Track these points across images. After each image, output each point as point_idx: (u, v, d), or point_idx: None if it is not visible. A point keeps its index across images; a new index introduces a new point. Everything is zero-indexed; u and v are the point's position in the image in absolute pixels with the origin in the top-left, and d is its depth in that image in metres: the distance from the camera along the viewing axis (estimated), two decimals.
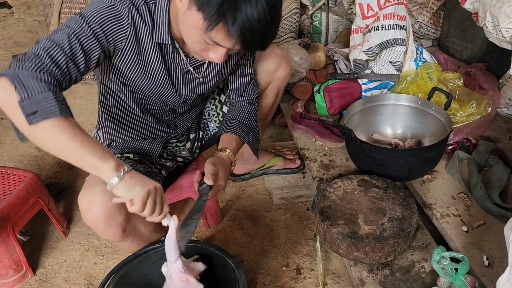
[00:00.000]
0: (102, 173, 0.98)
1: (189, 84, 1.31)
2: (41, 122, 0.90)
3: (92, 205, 1.14)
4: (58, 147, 0.95)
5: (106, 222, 1.16)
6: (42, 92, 0.91)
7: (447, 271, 1.14)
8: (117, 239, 1.22)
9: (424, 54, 1.93)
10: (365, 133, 1.76)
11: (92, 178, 1.19)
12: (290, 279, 1.53)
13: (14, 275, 1.53)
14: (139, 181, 1.01)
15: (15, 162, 2.21)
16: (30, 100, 0.90)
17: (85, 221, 1.17)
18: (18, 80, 0.91)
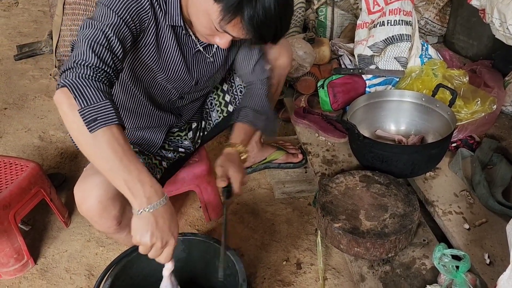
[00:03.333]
0: (132, 196, 0.95)
1: (200, 64, 1.31)
2: (101, 129, 0.92)
3: (87, 197, 1.14)
4: (110, 156, 0.93)
5: (100, 215, 1.15)
6: (100, 101, 0.93)
7: (448, 268, 1.13)
8: (112, 231, 1.22)
9: (429, 51, 1.92)
10: (368, 129, 1.75)
11: (89, 170, 1.19)
12: (290, 273, 1.53)
13: (15, 264, 1.54)
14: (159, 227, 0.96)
15: (17, 152, 2.21)
16: (90, 109, 0.92)
17: (81, 212, 1.17)
18: (77, 90, 0.93)
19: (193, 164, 1.60)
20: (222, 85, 1.56)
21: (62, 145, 2.27)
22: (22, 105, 2.65)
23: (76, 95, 0.92)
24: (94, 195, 1.13)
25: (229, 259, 1.21)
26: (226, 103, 1.56)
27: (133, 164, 0.95)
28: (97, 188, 1.12)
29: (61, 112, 0.96)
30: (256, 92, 1.44)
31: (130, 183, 0.94)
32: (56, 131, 2.40)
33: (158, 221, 0.96)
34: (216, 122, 1.59)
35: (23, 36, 3.60)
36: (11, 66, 3.13)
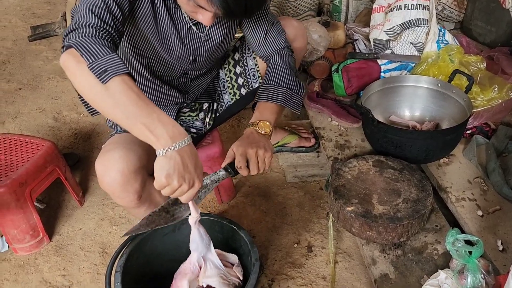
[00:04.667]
0: (154, 137, 0.92)
1: (195, 41, 1.30)
2: (113, 79, 0.92)
3: (109, 170, 1.14)
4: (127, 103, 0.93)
5: (123, 188, 1.16)
6: (107, 54, 0.94)
7: (461, 253, 1.13)
8: (133, 205, 1.23)
9: (446, 36, 1.89)
10: (382, 115, 1.74)
11: (109, 145, 1.20)
12: (301, 256, 1.54)
13: (31, 240, 1.57)
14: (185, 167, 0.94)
15: (32, 132, 2.24)
16: (98, 62, 0.93)
17: (102, 186, 1.18)
18: (83, 48, 0.94)
19: (206, 146, 1.61)
20: (235, 67, 1.56)
21: (76, 126, 2.29)
22: (37, 86, 2.67)
23: (83, 52, 0.93)
24: (116, 168, 1.14)
25: (241, 239, 1.22)
26: (238, 86, 1.55)
27: (150, 108, 0.94)
28: (119, 161, 1.13)
29: (69, 73, 0.97)
30: (273, 66, 1.37)
31: (151, 125, 0.92)
32: (70, 112, 2.42)
33: (184, 161, 0.94)
34: (228, 104, 1.58)
35: (37, 17, 3.62)
36: (25, 47, 3.15)
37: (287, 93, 1.31)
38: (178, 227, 1.30)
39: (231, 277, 1.18)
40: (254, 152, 1.15)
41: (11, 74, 2.81)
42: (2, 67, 2.89)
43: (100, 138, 2.19)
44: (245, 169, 1.15)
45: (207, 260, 1.16)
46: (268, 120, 1.25)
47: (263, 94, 1.32)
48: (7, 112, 2.42)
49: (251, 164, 1.15)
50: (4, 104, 2.49)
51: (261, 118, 1.25)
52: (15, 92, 2.61)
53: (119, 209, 1.77)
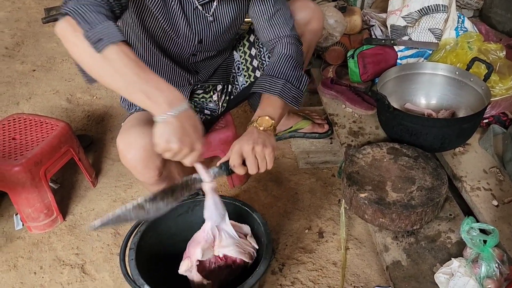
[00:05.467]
0: (152, 103, 0.93)
1: (201, 22, 1.28)
2: (108, 48, 0.92)
3: (131, 146, 1.15)
4: (123, 71, 0.93)
5: (145, 164, 1.17)
6: (103, 22, 0.93)
7: (475, 242, 1.12)
8: (152, 182, 1.24)
9: (465, 23, 1.85)
10: (397, 102, 1.71)
11: (129, 122, 1.20)
12: (312, 241, 1.54)
13: (45, 219, 1.59)
14: (185, 131, 0.95)
15: (46, 113, 2.26)
16: (94, 30, 0.92)
17: (124, 162, 1.18)
18: (80, 16, 0.93)
19: (219, 130, 1.61)
20: (250, 49, 1.55)
21: (89, 108, 2.30)
22: (50, 68, 2.68)
23: (79, 20, 0.92)
24: (139, 144, 1.14)
25: (254, 221, 1.22)
26: (253, 68, 1.54)
27: (147, 75, 0.94)
28: (142, 137, 1.14)
29: (66, 42, 0.96)
30: (275, 55, 1.30)
31: (149, 92, 0.93)
32: (83, 94, 2.43)
33: (184, 125, 0.94)
34: (243, 86, 1.57)
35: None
36: (39, 29, 3.16)
37: (285, 86, 1.23)
38: (192, 208, 1.30)
39: (246, 246, 1.19)
40: (251, 148, 1.08)
41: (25, 55, 2.82)
42: (16, 49, 2.91)
43: (113, 120, 2.20)
44: (240, 167, 1.09)
45: (221, 230, 1.16)
46: (269, 115, 1.18)
47: (259, 84, 1.25)
48: (21, 93, 2.44)
49: (248, 162, 1.09)
50: (18, 85, 2.51)
51: (261, 114, 1.18)
52: (29, 73, 2.63)
53: (131, 191, 1.78)
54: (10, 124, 1.66)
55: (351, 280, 1.41)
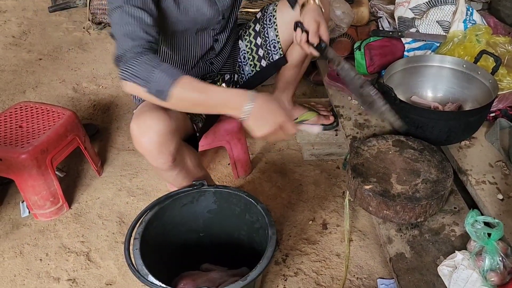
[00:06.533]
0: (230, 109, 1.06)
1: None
2: (170, 95, 1.05)
3: (146, 130, 1.16)
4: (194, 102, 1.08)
5: (159, 149, 1.18)
6: (152, 72, 1.06)
7: (479, 235, 1.12)
8: (166, 168, 1.24)
9: (474, 16, 1.83)
10: (404, 95, 1.70)
11: (143, 107, 1.22)
12: (316, 233, 1.55)
13: (51, 207, 1.60)
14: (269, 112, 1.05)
15: (52, 102, 2.26)
16: (151, 86, 1.06)
17: (138, 147, 1.19)
18: (133, 77, 1.07)
19: (225, 120, 1.61)
20: (256, 39, 1.55)
21: (95, 97, 2.31)
22: (57, 57, 2.69)
23: (135, 81, 1.06)
24: (155, 129, 1.15)
25: (259, 213, 1.23)
26: (259, 57, 1.55)
27: (209, 95, 1.07)
28: (157, 122, 1.16)
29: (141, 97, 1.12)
30: None
31: (220, 109, 1.07)
32: (89, 83, 2.43)
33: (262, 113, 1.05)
34: (248, 76, 1.58)
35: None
36: (46, 18, 3.16)
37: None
38: (196, 199, 1.31)
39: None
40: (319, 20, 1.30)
41: (32, 44, 2.83)
42: (23, 37, 2.91)
43: (119, 110, 2.20)
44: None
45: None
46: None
47: None
48: (27, 81, 2.45)
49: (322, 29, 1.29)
50: (25, 74, 2.52)
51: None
52: (35, 62, 2.63)
53: (136, 180, 1.79)
54: (17, 112, 1.67)
55: (354, 272, 1.42)
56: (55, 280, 1.43)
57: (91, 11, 2.97)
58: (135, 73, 1.06)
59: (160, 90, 1.05)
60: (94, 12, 2.97)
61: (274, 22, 1.50)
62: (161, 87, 1.05)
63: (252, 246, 1.31)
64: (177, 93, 1.05)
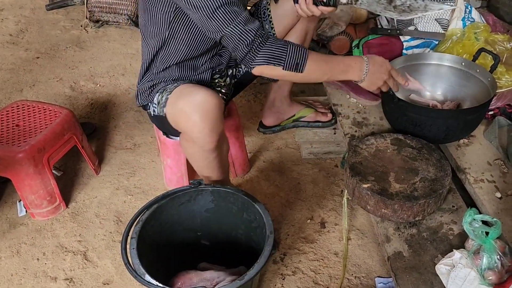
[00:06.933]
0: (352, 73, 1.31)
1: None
2: (305, 66, 1.23)
3: (200, 108, 1.19)
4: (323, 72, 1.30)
5: (211, 126, 1.22)
6: (284, 48, 1.22)
7: (477, 233, 1.11)
8: (211, 147, 1.27)
9: (472, 13, 1.83)
10: (402, 93, 1.69)
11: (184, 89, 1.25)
12: (314, 231, 1.54)
13: (48, 206, 1.60)
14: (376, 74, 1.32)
15: (49, 100, 2.25)
16: (287, 62, 1.22)
17: (188, 125, 1.22)
18: (271, 60, 1.21)
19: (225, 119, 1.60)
20: None
21: (92, 96, 2.30)
22: (54, 55, 2.68)
23: (273, 63, 1.22)
24: (209, 106, 1.20)
25: (256, 212, 1.22)
26: None
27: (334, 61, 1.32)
28: (210, 100, 1.21)
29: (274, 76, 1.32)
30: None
31: (342, 74, 1.31)
32: (86, 81, 2.42)
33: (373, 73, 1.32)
34: (245, 69, 1.57)
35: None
36: (43, 16, 3.15)
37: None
38: (194, 198, 1.30)
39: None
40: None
41: (29, 42, 2.81)
42: (20, 36, 2.90)
43: (117, 108, 2.20)
44: None
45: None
46: None
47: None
48: (25, 80, 2.44)
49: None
50: (22, 72, 2.50)
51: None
52: (32, 60, 2.62)
53: (134, 179, 1.79)
54: (14, 110, 1.66)
55: (352, 271, 1.42)
56: (52, 280, 1.42)
57: (89, 9, 2.96)
58: (271, 55, 1.20)
59: (297, 63, 1.22)
60: (92, 10, 2.95)
61: (268, 15, 1.51)
62: (298, 60, 1.21)
63: (250, 245, 1.31)
64: (311, 63, 1.23)
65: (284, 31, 1.56)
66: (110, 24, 2.99)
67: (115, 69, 2.53)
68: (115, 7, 2.92)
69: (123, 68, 2.53)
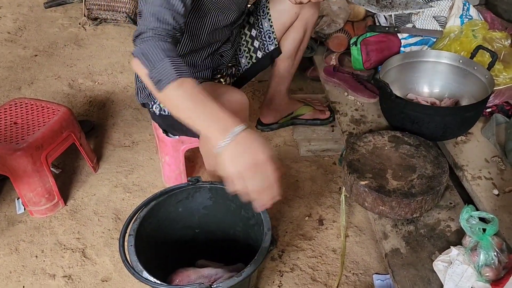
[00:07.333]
0: (210, 137, 0.94)
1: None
2: (166, 87, 0.99)
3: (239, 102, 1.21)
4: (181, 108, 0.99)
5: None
6: (161, 60, 1.01)
7: (474, 230, 1.12)
8: None
9: (470, 11, 1.82)
10: (400, 91, 1.70)
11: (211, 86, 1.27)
12: (312, 228, 1.55)
13: (47, 204, 1.60)
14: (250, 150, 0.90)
15: (48, 98, 2.25)
16: (154, 71, 1.01)
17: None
18: (142, 56, 1.03)
19: None
20: (250, 31, 1.57)
21: (91, 93, 2.30)
22: (52, 53, 2.67)
23: (143, 61, 1.03)
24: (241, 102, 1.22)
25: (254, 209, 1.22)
26: (255, 49, 1.56)
27: (203, 107, 0.96)
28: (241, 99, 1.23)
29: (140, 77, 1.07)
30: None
31: (204, 126, 0.96)
32: (85, 79, 2.42)
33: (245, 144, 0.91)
34: (245, 68, 1.59)
35: None
36: (41, 14, 3.14)
37: None
38: (192, 195, 1.30)
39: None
40: None
41: (27, 40, 2.81)
42: (18, 33, 2.89)
43: (115, 106, 2.20)
44: None
45: None
46: None
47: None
48: (23, 78, 2.44)
49: None
50: (20, 70, 2.50)
51: None
52: (31, 58, 2.62)
53: (132, 177, 1.79)
54: (11, 108, 1.66)
55: (350, 267, 1.42)
56: (50, 277, 1.43)
57: (87, 7, 2.95)
58: (146, 53, 1.03)
59: (160, 79, 1.00)
60: (90, 8, 2.95)
61: (267, 13, 1.52)
62: (162, 77, 1.00)
63: (248, 243, 1.31)
64: (172, 90, 0.99)
65: (283, 29, 1.57)
66: (108, 22, 2.98)
67: (114, 67, 2.52)
68: (113, 5, 2.91)
69: (121, 66, 2.53)
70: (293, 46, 1.61)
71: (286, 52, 1.63)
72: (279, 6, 1.53)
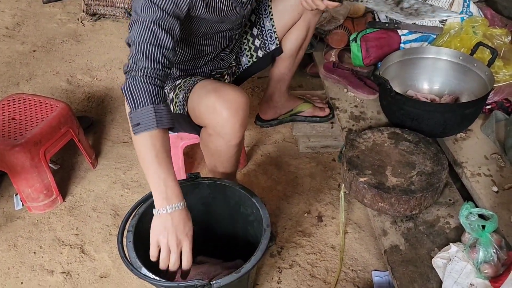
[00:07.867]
0: (155, 195, 1.04)
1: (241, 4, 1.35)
2: (141, 134, 1.03)
3: (233, 104, 1.18)
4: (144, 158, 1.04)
5: (241, 123, 1.21)
6: (145, 105, 1.03)
7: (474, 227, 1.12)
8: (237, 142, 1.27)
9: (471, 7, 1.82)
10: (400, 87, 1.69)
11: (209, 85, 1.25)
12: (311, 225, 1.55)
13: (45, 200, 1.59)
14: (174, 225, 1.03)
15: (46, 94, 2.24)
16: (136, 113, 1.03)
17: (220, 119, 1.20)
18: (129, 94, 1.05)
19: None
20: (251, 29, 1.55)
21: (89, 89, 2.29)
22: (51, 48, 2.66)
23: (128, 98, 1.04)
24: (241, 102, 1.19)
25: (253, 205, 1.22)
26: (256, 48, 1.55)
27: (162, 168, 1.03)
28: (240, 95, 1.20)
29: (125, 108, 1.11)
30: None
31: (155, 184, 1.03)
32: (83, 75, 2.41)
33: (173, 221, 1.03)
34: (246, 66, 1.58)
35: None
36: (39, 9, 3.13)
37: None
38: (191, 191, 1.30)
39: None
40: None
41: (26, 36, 2.80)
42: (16, 29, 2.88)
43: (114, 102, 2.19)
44: None
45: None
46: None
47: None
48: (21, 73, 2.42)
49: None
50: (18, 66, 2.49)
51: None
52: (29, 54, 2.61)
53: (131, 173, 1.78)
54: (9, 104, 1.65)
55: (349, 264, 1.42)
56: (49, 273, 1.42)
57: (86, 2, 2.94)
58: (133, 94, 1.04)
59: (139, 123, 1.03)
60: (89, 3, 2.93)
61: (269, 12, 1.50)
62: (141, 122, 1.03)
63: (247, 239, 1.31)
64: (145, 138, 1.03)
65: (285, 28, 1.55)
66: (107, 18, 2.97)
67: (112, 63, 2.51)
68: (112, 0, 2.90)
69: (120, 62, 2.52)
70: (295, 46, 1.60)
71: (288, 51, 1.61)
72: (281, 6, 1.51)
